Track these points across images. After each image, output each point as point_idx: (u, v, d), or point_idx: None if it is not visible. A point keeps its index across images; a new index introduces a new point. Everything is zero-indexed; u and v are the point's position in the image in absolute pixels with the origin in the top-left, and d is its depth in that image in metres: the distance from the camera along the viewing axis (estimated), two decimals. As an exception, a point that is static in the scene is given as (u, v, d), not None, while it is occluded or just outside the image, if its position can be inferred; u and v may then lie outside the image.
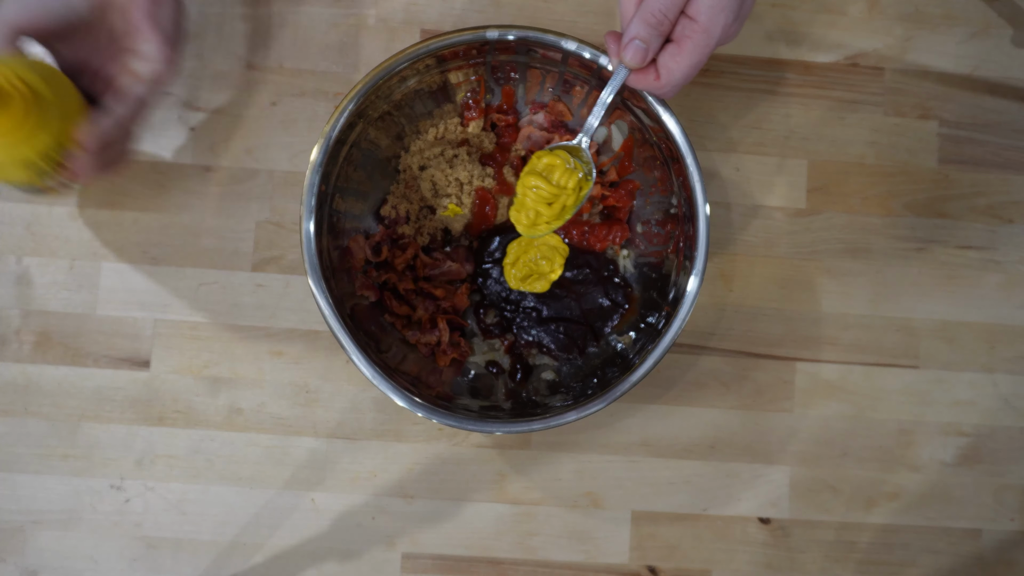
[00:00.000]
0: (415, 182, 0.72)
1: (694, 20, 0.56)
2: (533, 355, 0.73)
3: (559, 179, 0.63)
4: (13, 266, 0.73)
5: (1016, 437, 0.76)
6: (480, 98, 0.72)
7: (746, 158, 0.76)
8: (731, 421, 0.75)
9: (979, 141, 0.77)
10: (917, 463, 0.76)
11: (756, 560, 0.74)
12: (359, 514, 0.73)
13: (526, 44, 0.66)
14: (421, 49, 0.64)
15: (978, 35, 0.78)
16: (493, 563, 0.73)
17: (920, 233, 0.77)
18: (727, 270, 0.76)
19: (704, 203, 0.64)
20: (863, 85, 0.77)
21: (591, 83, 0.69)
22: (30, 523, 0.72)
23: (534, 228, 0.64)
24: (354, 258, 0.70)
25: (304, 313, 0.73)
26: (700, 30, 0.56)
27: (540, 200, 0.63)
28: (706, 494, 0.75)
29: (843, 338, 0.76)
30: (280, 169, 0.74)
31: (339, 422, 0.73)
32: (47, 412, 0.72)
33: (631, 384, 0.64)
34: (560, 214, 0.64)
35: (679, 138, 0.64)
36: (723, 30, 0.56)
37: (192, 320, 0.73)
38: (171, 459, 0.73)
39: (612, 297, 0.72)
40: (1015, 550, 0.76)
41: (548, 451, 0.74)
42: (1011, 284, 0.77)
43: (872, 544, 0.75)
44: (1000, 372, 0.76)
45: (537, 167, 0.63)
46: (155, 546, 0.72)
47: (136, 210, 0.74)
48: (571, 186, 0.63)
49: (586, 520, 0.74)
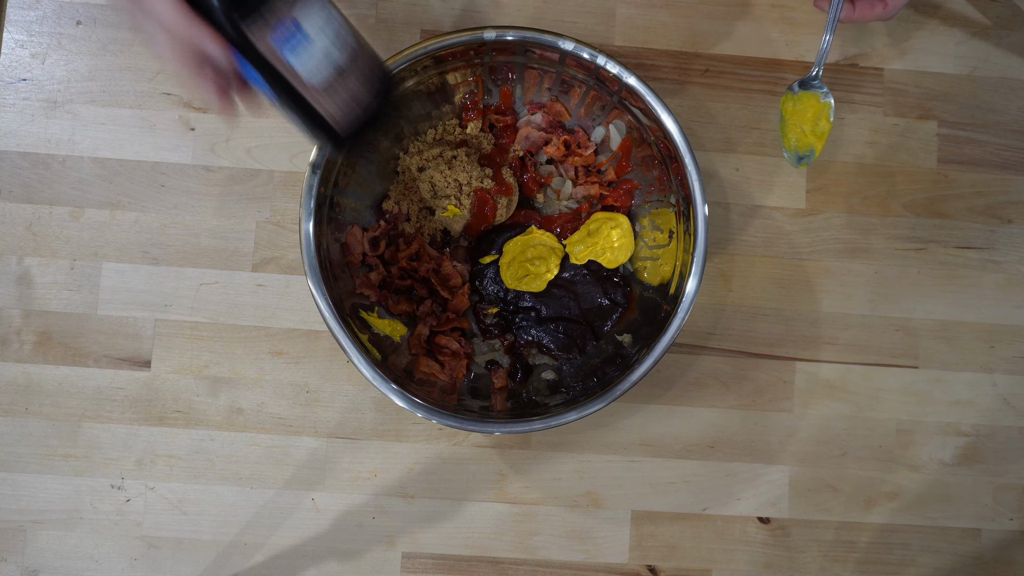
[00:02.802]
0: (414, 183, 0.72)
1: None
2: (533, 355, 0.73)
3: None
4: (14, 266, 0.73)
5: (1015, 437, 0.76)
6: (478, 99, 0.72)
7: (745, 158, 0.76)
8: (731, 421, 0.75)
9: (979, 141, 0.77)
10: (916, 463, 0.76)
11: (756, 560, 0.75)
12: (359, 514, 0.73)
13: (524, 45, 0.66)
14: (419, 50, 0.64)
15: (978, 35, 0.78)
16: (493, 563, 0.74)
17: (920, 233, 0.77)
18: (726, 270, 0.76)
19: (703, 203, 0.65)
20: (862, 85, 0.77)
21: (589, 83, 0.69)
22: (31, 523, 0.72)
23: None
24: (352, 253, 0.70)
25: (304, 313, 0.74)
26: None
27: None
28: (706, 494, 0.75)
29: (843, 338, 0.76)
30: (280, 169, 0.74)
31: (339, 422, 0.73)
32: (48, 412, 0.72)
33: (631, 384, 0.64)
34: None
35: (677, 138, 0.64)
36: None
37: (192, 320, 0.73)
38: (171, 459, 0.73)
39: (611, 296, 0.72)
40: (1014, 549, 0.76)
41: (548, 451, 0.74)
42: (1010, 284, 0.77)
43: (871, 543, 0.75)
44: (999, 372, 0.76)
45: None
46: (155, 546, 0.72)
47: (136, 210, 0.74)
48: None
49: (586, 520, 0.74)
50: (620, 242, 0.72)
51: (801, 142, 0.72)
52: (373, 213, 0.72)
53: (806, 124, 0.72)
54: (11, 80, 0.74)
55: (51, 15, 0.74)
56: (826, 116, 0.71)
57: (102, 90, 0.74)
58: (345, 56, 0.51)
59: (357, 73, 0.52)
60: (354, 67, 0.52)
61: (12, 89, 0.74)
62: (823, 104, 0.71)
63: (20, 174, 0.73)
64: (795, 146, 0.72)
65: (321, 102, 0.52)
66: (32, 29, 0.74)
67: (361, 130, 0.55)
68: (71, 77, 0.74)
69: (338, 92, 0.52)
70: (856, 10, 0.67)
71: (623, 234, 0.72)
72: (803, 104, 0.71)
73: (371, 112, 0.55)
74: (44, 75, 0.74)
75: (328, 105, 0.52)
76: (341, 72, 0.51)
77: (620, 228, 0.72)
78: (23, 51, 0.74)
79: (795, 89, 0.71)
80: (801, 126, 0.72)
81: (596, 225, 0.72)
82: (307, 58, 0.48)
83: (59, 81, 0.74)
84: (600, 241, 0.72)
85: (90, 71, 0.74)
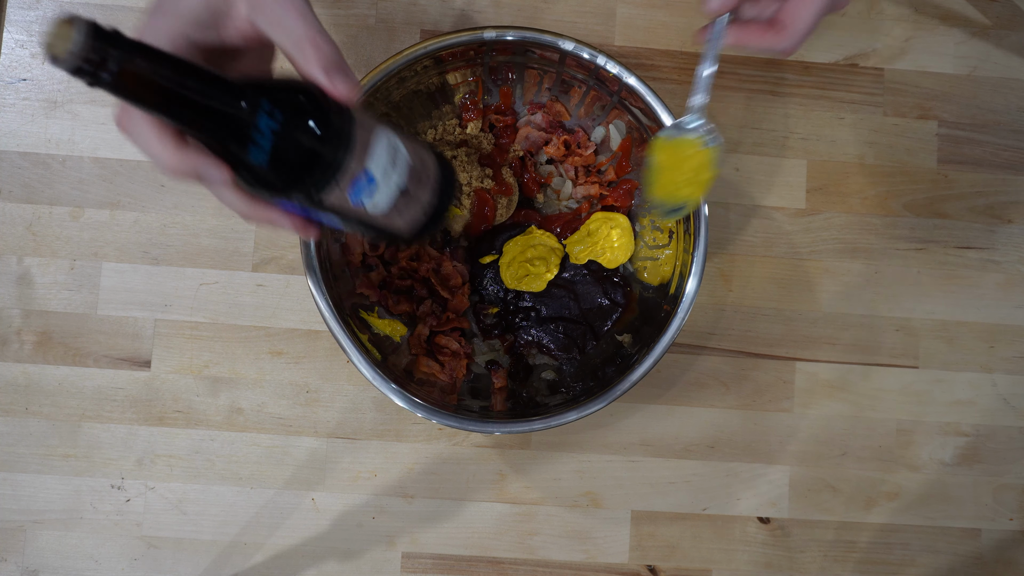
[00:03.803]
0: (415, 182, 0.72)
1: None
2: (533, 355, 0.73)
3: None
4: (14, 266, 0.73)
5: (1015, 437, 0.76)
6: (478, 99, 0.72)
7: (745, 158, 0.76)
8: (731, 421, 0.75)
9: (978, 141, 0.77)
10: (916, 463, 0.76)
11: (756, 560, 0.75)
12: (359, 514, 0.73)
13: (524, 45, 0.66)
14: (419, 50, 0.64)
15: (977, 35, 0.78)
16: (493, 563, 0.74)
17: (919, 233, 0.77)
18: (726, 270, 0.76)
19: (703, 203, 0.65)
20: (862, 85, 0.77)
21: (589, 83, 0.69)
22: (31, 523, 0.72)
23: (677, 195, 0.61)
24: (352, 253, 0.70)
25: (304, 313, 0.74)
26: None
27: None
28: (706, 494, 0.75)
29: (842, 338, 0.76)
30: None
31: (339, 422, 0.73)
32: (48, 412, 0.73)
33: (631, 384, 0.64)
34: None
35: (678, 138, 0.64)
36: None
37: (192, 320, 0.73)
38: (171, 459, 0.73)
39: (611, 296, 0.72)
40: (1014, 549, 0.76)
41: (548, 451, 0.74)
42: (1010, 284, 0.77)
43: (871, 544, 0.75)
44: (999, 372, 0.76)
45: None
46: (156, 546, 0.72)
47: (136, 210, 0.74)
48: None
49: (586, 520, 0.74)
50: (620, 242, 0.72)
51: (675, 195, 0.61)
52: (373, 213, 0.72)
53: (684, 175, 0.61)
54: (11, 80, 0.74)
55: (51, 15, 0.74)
56: (709, 164, 0.60)
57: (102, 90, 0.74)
58: (411, 180, 0.50)
59: (420, 187, 0.52)
60: (417, 185, 0.51)
61: (12, 89, 0.74)
62: (706, 150, 0.59)
63: (20, 174, 0.73)
64: (667, 198, 0.61)
65: (387, 223, 0.51)
66: (32, 29, 0.74)
67: (426, 228, 0.54)
68: (71, 77, 0.74)
69: (403, 210, 0.51)
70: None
71: (623, 234, 0.72)
72: (681, 151, 0.60)
73: (435, 210, 0.54)
74: (44, 75, 0.74)
75: (394, 222, 0.51)
76: (406, 193, 0.50)
77: (620, 228, 0.72)
78: (23, 51, 0.74)
79: (670, 134, 0.60)
80: (678, 177, 0.61)
81: (596, 225, 0.72)
82: (376, 197, 0.48)
83: (59, 81, 0.74)
84: (600, 241, 0.72)
85: (90, 71, 0.74)
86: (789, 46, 0.55)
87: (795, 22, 0.54)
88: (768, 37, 0.55)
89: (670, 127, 0.61)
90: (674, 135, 0.60)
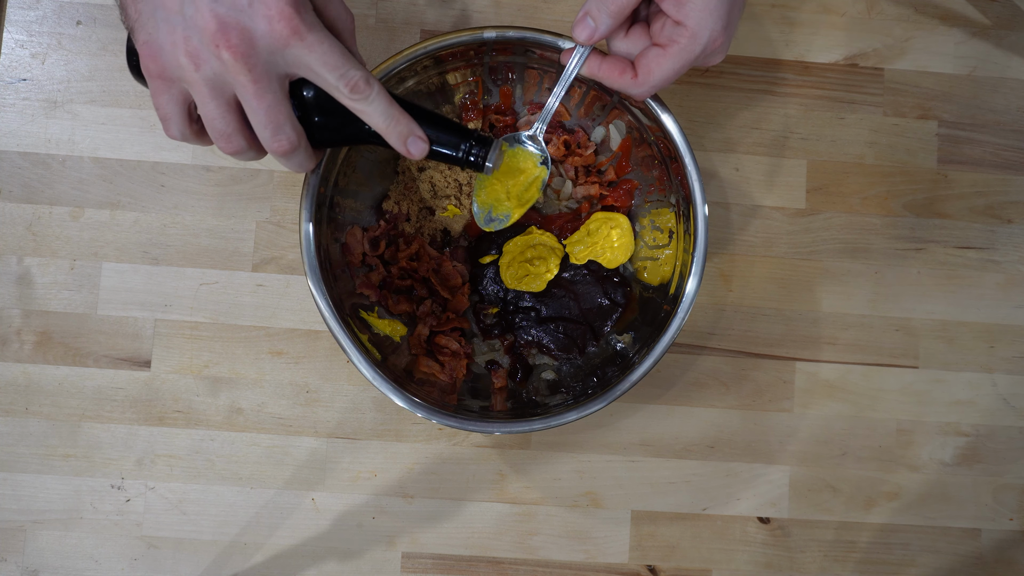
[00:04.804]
0: (414, 183, 0.72)
1: (682, 24, 0.55)
2: (533, 355, 0.73)
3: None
4: (14, 266, 0.73)
5: (1015, 437, 0.76)
6: (478, 99, 0.72)
7: (745, 158, 0.76)
8: (731, 421, 0.75)
9: (978, 141, 0.77)
10: (916, 463, 0.76)
11: (756, 560, 0.75)
12: (359, 514, 0.73)
13: (523, 44, 0.66)
14: (419, 50, 0.64)
15: (977, 35, 0.78)
16: (493, 563, 0.74)
17: (919, 233, 0.77)
18: (726, 270, 0.76)
19: (703, 203, 0.65)
20: (862, 85, 0.77)
21: (588, 83, 0.69)
22: (31, 523, 0.72)
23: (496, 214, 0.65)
24: (352, 253, 0.70)
25: (304, 313, 0.74)
26: (687, 35, 0.55)
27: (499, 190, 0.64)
28: (706, 494, 0.75)
29: (842, 338, 0.76)
30: (280, 169, 0.74)
31: (339, 422, 0.73)
32: (48, 412, 0.73)
33: (631, 384, 0.64)
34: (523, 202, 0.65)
35: (677, 138, 0.64)
36: (710, 37, 0.55)
37: (192, 320, 0.73)
38: (171, 459, 0.73)
39: (611, 296, 0.72)
40: (1014, 549, 0.76)
41: (548, 451, 0.74)
42: (1010, 284, 0.77)
43: (871, 544, 0.75)
44: (999, 372, 0.76)
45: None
46: (156, 546, 0.72)
47: (136, 210, 0.74)
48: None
49: (586, 520, 0.74)
50: (620, 242, 0.72)
51: (498, 205, 0.64)
52: (373, 213, 0.72)
53: (514, 188, 0.64)
54: (11, 80, 0.74)
55: (51, 15, 0.75)
56: (537, 186, 0.63)
57: (102, 90, 0.74)
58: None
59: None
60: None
61: (12, 89, 0.74)
62: (538, 171, 0.63)
63: (20, 174, 0.73)
64: (489, 205, 0.64)
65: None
66: (32, 29, 0.74)
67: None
68: (71, 77, 0.74)
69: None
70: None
71: (623, 234, 0.72)
72: (517, 162, 0.64)
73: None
74: (44, 75, 0.74)
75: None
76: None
77: (620, 228, 0.72)
78: (23, 51, 0.74)
79: (511, 143, 0.63)
80: (507, 187, 0.64)
81: (596, 225, 0.72)
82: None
83: (59, 81, 0.74)
84: (600, 241, 0.72)
85: (90, 71, 0.74)
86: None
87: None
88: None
89: (511, 136, 0.64)
90: (514, 145, 0.64)
